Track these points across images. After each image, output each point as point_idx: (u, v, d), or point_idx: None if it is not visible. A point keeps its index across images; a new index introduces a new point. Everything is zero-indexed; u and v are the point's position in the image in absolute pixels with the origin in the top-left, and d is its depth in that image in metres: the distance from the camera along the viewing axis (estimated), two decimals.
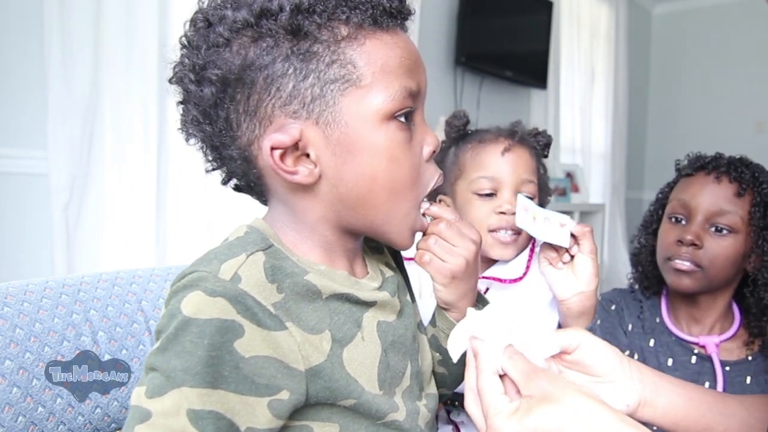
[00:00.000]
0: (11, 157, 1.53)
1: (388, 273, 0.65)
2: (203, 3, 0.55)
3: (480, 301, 0.71)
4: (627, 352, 1.09)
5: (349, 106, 0.53)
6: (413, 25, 0.54)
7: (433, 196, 0.74)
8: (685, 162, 1.12)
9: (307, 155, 0.53)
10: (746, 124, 4.60)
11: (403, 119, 0.55)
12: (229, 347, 0.47)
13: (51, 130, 1.53)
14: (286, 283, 0.52)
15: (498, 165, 0.92)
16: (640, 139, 5.04)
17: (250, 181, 0.58)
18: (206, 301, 0.47)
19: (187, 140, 0.58)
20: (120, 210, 1.66)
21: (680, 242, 1.03)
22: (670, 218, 1.07)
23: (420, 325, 0.70)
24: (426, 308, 0.75)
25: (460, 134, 0.99)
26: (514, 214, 0.85)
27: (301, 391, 0.51)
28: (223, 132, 0.55)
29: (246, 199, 0.64)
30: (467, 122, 1.00)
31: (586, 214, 3.67)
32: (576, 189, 3.74)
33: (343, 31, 0.53)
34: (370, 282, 0.61)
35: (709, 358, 1.02)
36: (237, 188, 0.62)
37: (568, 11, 3.83)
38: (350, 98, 0.52)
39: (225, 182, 0.62)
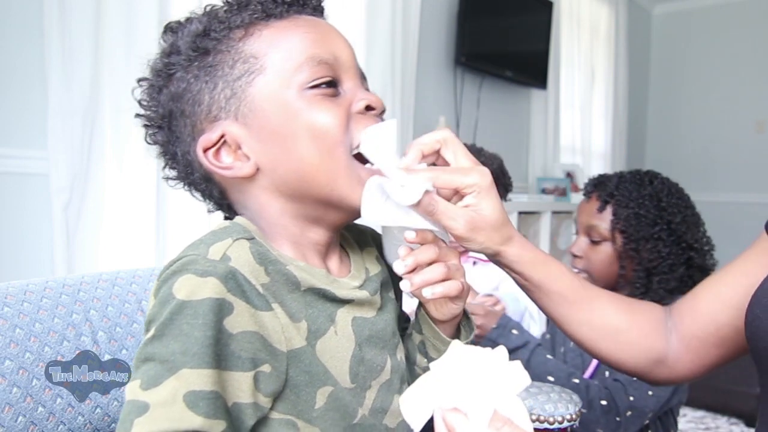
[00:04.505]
0: (11, 157, 1.53)
1: (374, 271, 0.66)
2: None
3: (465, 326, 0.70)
4: (548, 336, 1.40)
5: (260, 93, 0.57)
6: (413, 24, 0.54)
7: None
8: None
9: (241, 149, 0.58)
10: (746, 124, 4.60)
11: (323, 86, 0.57)
12: (220, 325, 0.48)
13: (51, 130, 1.52)
14: (271, 268, 0.54)
15: None
16: (640, 139, 5.04)
17: (215, 198, 0.63)
18: (198, 282, 0.48)
19: (170, 185, 0.65)
20: (120, 210, 1.66)
21: (570, 254, 1.30)
22: (574, 234, 1.34)
23: (402, 319, 0.70)
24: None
25: None
26: None
27: (282, 370, 0.52)
28: (185, 163, 0.61)
29: None
30: None
31: None
32: (576, 189, 3.74)
33: (239, 33, 0.58)
34: (350, 281, 0.62)
35: None
36: (223, 209, 0.66)
37: (568, 11, 3.83)
38: (258, 86, 0.57)
39: (223, 210, 0.66)
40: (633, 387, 1.14)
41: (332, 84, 0.58)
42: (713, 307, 0.70)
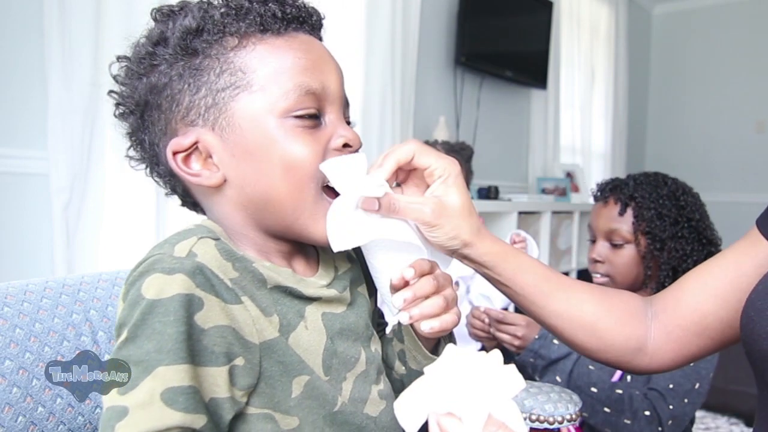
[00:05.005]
0: (11, 157, 1.53)
1: (343, 269, 0.66)
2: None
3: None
4: None
5: (242, 110, 0.56)
6: (413, 24, 0.54)
7: None
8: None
9: (212, 158, 0.57)
10: (746, 124, 4.61)
11: (306, 117, 0.57)
12: (191, 321, 0.48)
13: (51, 130, 1.52)
14: (238, 265, 0.54)
15: None
16: (640, 139, 5.04)
17: (179, 194, 0.63)
18: (166, 280, 0.48)
19: (132, 165, 0.64)
20: (120, 210, 1.66)
21: (591, 260, 1.30)
22: (589, 240, 1.34)
23: (376, 314, 0.70)
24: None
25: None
26: None
27: (255, 362, 0.52)
28: (151, 153, 0.61)
29: None
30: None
31: (586, 214, 3.67)
32: (576, 189, 3.74)
33: (232, 41, 0.56)
34: (317, 280, 0.62)
35: None
36: (188, 206, 0.66)
37: (568, 11, 3.83)
38: (242, 102, 0.56)
39: (182, 203, 0.66)
40: (671, 396, 1.15)
41: (315, 115, 0.58)
42: (698, 297, 0.70)
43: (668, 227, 1.21)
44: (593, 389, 1.16)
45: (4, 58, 1.51)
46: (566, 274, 3.27)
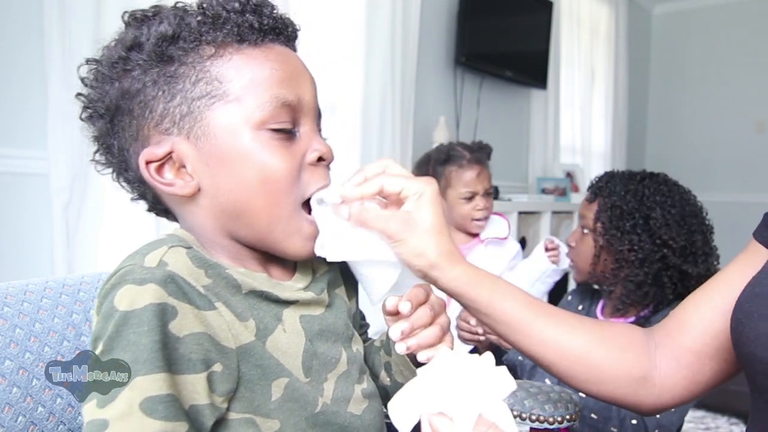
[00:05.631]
0: (11, 157, 1.53)
1: (321, 271, 0.66)
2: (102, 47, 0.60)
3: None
4: None
5: (217, 120, 0.56)
6: (413, 24, 0.53)
7: None
8: None
9: (186, 167, 0.56)
10: (746, 124, 4.61)
11: (280, 128, 0.57)
12: (165, 330, 0.48)
13: (51, 130, 1.52)
14: (211, 272, 0.54)
15: (474, 182, 1.63)
16: (640, 139, 5.04)
17: (149, 201, 0.63)
18: (138, 291, 0.48)
19: (98, 169, 0.64)
20: (120, 210, 1.66)
21: (566, 243, 1.36)
22: None
23: (357, 316, 0.70)
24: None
25: (444, 159, 1.64)
26: (481, 210, 1.64)
27: (233, 367, 0.52)
28: (120, 158, 0.60)
29: None
30: (449, 155, 1.63)
31: None
32: (576, 189, 3.74)
33: (209, 50, 0.56)
34: (294, 284, 0.62)
35: None
36: (158, 212, 0.66)
37: (568, 11, 3.83)
38: (217, 112, 0.56)
39: (150, 209, 0.66)
40: None
41: (290, 128, 0.58)
42: (707, 315, 0.66)
43: (619, 219, 1.21)
44: (581, 393, 1.13)
45: (4, 58, 1.51)
46: (566, 273, 3.22)
